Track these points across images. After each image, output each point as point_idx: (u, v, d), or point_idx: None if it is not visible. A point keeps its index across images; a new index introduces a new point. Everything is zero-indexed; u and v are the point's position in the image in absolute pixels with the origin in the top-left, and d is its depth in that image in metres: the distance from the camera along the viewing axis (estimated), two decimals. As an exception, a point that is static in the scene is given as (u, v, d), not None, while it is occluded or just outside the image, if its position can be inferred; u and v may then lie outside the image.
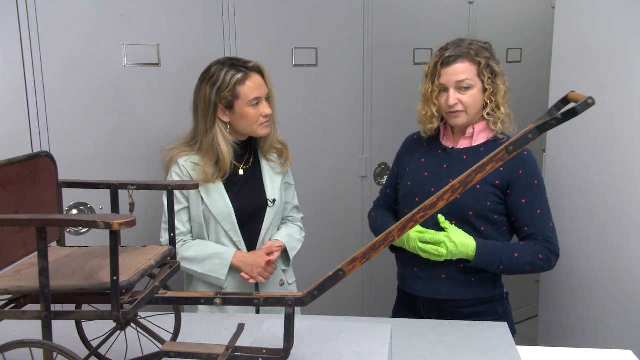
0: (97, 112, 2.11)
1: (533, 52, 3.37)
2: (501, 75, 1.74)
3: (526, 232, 1.69)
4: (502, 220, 1.71)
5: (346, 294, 2.81)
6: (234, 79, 1.81)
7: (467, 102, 1.70)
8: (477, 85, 1.70)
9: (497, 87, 1.72)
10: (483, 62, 1.70)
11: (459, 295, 1.73)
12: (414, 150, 1.88)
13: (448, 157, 1.77)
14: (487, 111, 1.72)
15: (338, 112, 2.74)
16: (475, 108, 1.71)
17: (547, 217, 1.70)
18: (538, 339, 2.53)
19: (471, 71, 1.69)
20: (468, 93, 1.70)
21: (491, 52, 1.75)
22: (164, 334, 1.36)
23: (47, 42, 1.97)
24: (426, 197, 1.73)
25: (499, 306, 1.78)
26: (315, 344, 1.25)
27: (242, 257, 1.87)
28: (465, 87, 1.69)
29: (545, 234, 1.67)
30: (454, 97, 1.69)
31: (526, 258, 1.65)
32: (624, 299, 2.01)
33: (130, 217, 0.95)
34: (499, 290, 1.78)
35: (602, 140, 2.08)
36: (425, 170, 1.79)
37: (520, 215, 1.69)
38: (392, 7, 2.80)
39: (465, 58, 1.70)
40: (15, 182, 1.14)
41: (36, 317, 1.02)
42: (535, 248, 1.66)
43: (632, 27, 1.93)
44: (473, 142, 1.76)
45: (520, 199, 1.68)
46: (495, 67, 1.72)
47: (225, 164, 1.84)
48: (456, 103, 1.70)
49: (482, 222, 1.68)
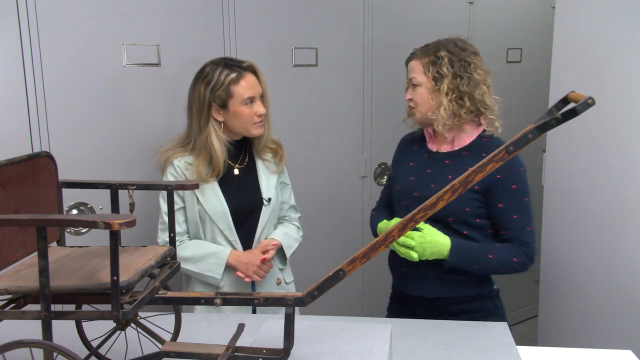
0: (97, 112, 2.11)
1: (533, 52, 3.37)
2: (450, 76, 1.69)
3: (503, 235, 1.71)
4: (486, 224, 1.73)
5: (346, 294, 2.82)
6: (228, 78, 1.82)
7: (415, 99, 1.77)
8: (423, 83, 1.74)
9: (441, 85, 1.70)
10: (428, 60, 1.72)
11: (447, 294, 1.75)
12: (406, 154, 1.92)
13: (432, 161, 1.80)
14: (431, 110, 1.73)
15: (338, 112, 2.74)
16: (424, 106, 1.75)
17: (524, 222, 1.70)
18: (538, 339, 2.54)
19: (418, 69, 1.75)
20: (417, 90, 1.76)
21: (452, 51, 1.71)
22: (164, 334, 1.36)
23: (47, 42, 1.97)
24: (412, 201, 1.77)
25: (489, 303, 1.79)
26: (315, 344, 1.25)
27: (238, 255, 1.87)
28: (414, 85, 1.76)
29: (522, 238, 1.68)
30: (408, 92, 1.80)
31: (501, 260, 1.67)
32: (624, 299, 2.01)
33: (130, 217, 0.95)
34: (488, 287, 1.80)
35: (602, 140, 2.08)
36: (412, 175, 1.82)
37: (498, 219, 1.71)
38: (392, 7, 2.80)
39: (417, 56, 1.77)
40: (15, 182, 1.14)
41: (36, 317, 1.02)
42: (511, 251, 1.68)
43: (632, 27, 1.93)
44: (454, 147, 1.78)
45: (497, 204, 1.70)
46: (442, 68, 1.70)
47: (218, 163, 1.85)
48: (410, 99, 1.79)
49: (463, 226, 1.70)
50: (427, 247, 1.62)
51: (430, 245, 1.63)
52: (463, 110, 1.71)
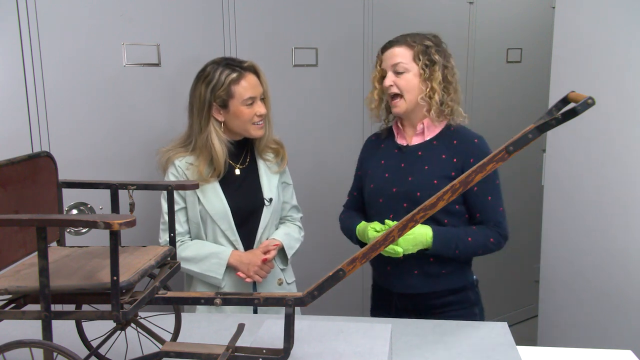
0: (97, 112, 2.11)
1: (533, 52, 3.37)
2: (440, 64, 1.75)
3: (478, 218, 1.76)
4: (462, 210, 1.77)
5: (346, 294, 2.81)
6: (228, 78, 1.82)
7: (402, 85, 1.75)
8: (412, 70, 1.74)
9: (434, 72, 1.74)
10: (418, 48, 1.74)
11: (432, 288, 1.78)
12: (373, 153, 1.92)
13: (404, 155, 1.81)
14: (421, 96, 1.75)
15: (338, 112, 2.74)
16: (411, 92, 1.75)
17: (497, 203, 1.76)
18: (538, 339, 2.54)
19: (406, 55, 1.75)
20: (403, 76, 1.75)
21: (434, 42, 1.77)
22: (164, 334, 1.36)
23: (47, 42, 1.97)
24: (389, 197, 1.78)
25: (471, 294, 1.83)
26: (315, 344, 1.25)
27: (239, 256, 1.87)
28: (400, 71, 1.75)
29: (496, 219, 1.74)
30: (389, 79, 1.76)
31: (479, 242, 1.72)
32: (624, 299, 2.01)
33: (130, 217, 0.95)
34: (470, 278, 1.84)
35: (602, 140, 2.08)
36: (386, 172, 1.83)
37: (473, 202, 1.75)
38: (392, 7, 2.80)
39: (402, 43, 1.76)
40: (15, 182, 1.14)
41: (36, 317, 1.02)
42: (486, 232, 1.73)
43: (632, 27, 1.93)
44: (425, 137, 1.80)
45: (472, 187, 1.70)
46: (434, 55, 1.74)
47: (219, 162, 1.85)
48: (391, 85, 1.75)
49: (444, 215, 1.73)
50: (410, 239, 1.65)
51: (413, 236, 1.65)
52: (449, 98, 1.76)
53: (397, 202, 1.76)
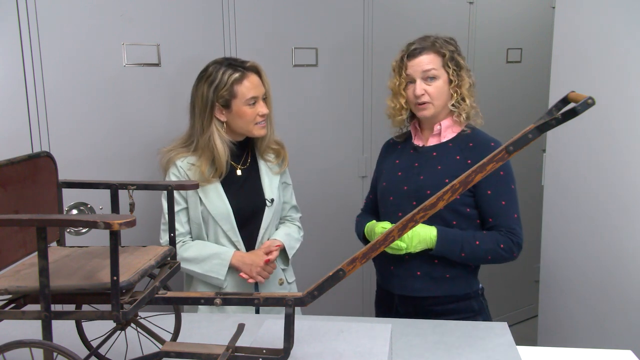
0: (97, 112, 2.11)
1: (533, 52, 3.37)
2: (466, 68, 1.77)
3: (490, 223, 1.71)
4: (474, 214, 1.73)
5: (346, 294, 2.81)
6: (231, 78, 1.82)
7: (433, 92, 1.73)
8: (442, 77, 1.73)
9: (462, 79, 1.74)
10: (447, 54, 1.73)
11: (434, 292, 1.74)
12: (389, 154, 1.92)
13: (419, 155, 1.80)
14: (452, 102, 1.75)
15: (338, 112, 2.74)
16: (441, 99, 1.74)
17: (512, 208, 1.70)
18: (538, 339, 2.54)
19: (436, 62, 1.73)
20: (434, 84, 1.73)
21: (455, 46, 1.78)
22: (164, 334, 1.36)
23: (47, 42, 1.97)
24: (399, 196, 1.77)
25: (475, 303, 1.79)
26: (315, 344, 1.25)
27: (241, 256, 1.87)
28: (431, 78, 1.73)
29: (509, 224, 1.68)
30: (420, 87, 1.72)
31: (487, 246, 1.66)
32: (624, 299, 2.01)
33: (130, 217, 0.95)
34: (474, 286, 1.79)
35: (601, 140, 2.08)
36: (399, 170, 1.82)
37: (486, 206, 1.70)
38: (392, 7, 2.81)
39: (430, 50, 1.73)
40: (15, 182, 1.14)
41: (36, 317, 1.02)
42: (497, 237, 1.67)
43: (632, 27, 1.93)
44: (441, 139, 1.79)
45: (486, 190, 1.70)
46: (459, 60, 1.75)
47: (220, 163, 1.85)
48: (423, 93, 1.72)
49: (453, 215, 1.70)
50: (414, 235, 1.63)
51: (417, 234, 1.64)
52: (472, 100, 1.76)
53: (406, 200, 1.75)
